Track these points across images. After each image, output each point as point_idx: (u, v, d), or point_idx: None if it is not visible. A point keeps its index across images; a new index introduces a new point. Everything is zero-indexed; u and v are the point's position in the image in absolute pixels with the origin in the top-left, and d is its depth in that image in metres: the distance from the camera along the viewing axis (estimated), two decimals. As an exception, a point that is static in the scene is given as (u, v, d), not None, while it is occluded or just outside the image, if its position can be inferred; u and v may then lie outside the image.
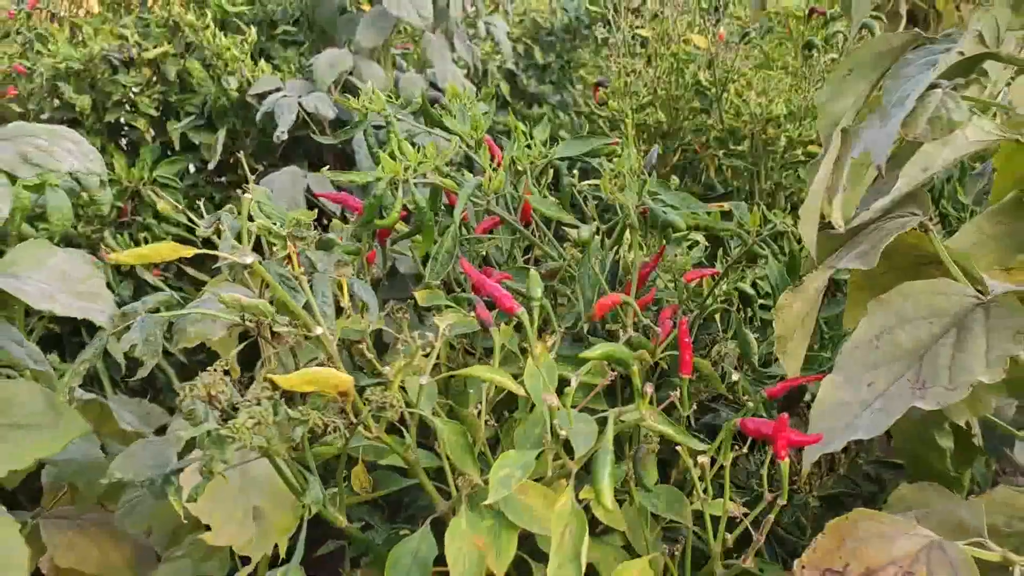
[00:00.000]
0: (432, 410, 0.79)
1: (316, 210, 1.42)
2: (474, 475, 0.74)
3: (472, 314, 0.84)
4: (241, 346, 0.88)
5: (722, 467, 0.75)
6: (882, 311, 0.79)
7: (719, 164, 1.69)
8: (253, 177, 1.03)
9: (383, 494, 0.87)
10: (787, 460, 0.67)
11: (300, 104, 1.96)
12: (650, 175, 0.94)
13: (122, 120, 2.18)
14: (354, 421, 0.68)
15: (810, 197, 0.78)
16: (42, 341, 1.27)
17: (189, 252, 0.63)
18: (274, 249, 0.82)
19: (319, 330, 0.68)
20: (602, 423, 0.77)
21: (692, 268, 1.05)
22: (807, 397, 1.03)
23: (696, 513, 0.83)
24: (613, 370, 0.79)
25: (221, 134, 2.13)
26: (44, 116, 2.01)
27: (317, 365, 0.73)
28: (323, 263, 0.87)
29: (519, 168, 1.03)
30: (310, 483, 0.66)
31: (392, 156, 0.92)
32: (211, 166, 2.09)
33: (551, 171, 1.23)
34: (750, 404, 0.80)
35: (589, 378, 0.90)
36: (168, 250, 0.62)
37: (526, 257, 1.24)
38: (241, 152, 1.43)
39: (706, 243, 1.23)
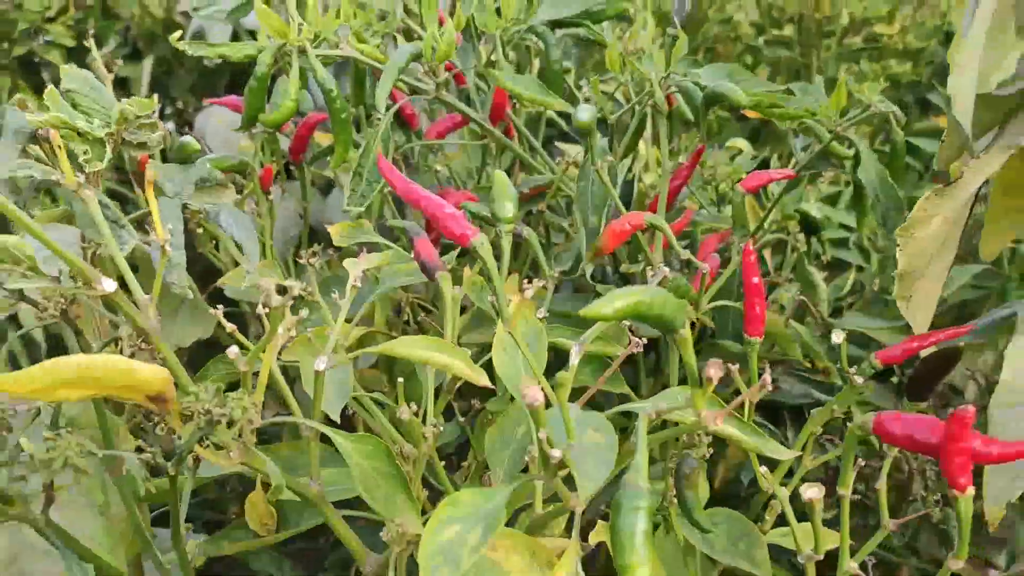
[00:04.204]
0: (346, 412, 0.49)
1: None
2: (410, 521, 0.43)
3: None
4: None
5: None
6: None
7: (751, 68, 1.34)
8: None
9: (295, 533, 0.58)
10: (971, 492, 0.36)
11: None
12: (684, 29, 0.61)
13: (38, 54, 1.86)
14: (179, 446, 0.37)
15: (973, 26, 0.46)
16: None
17: None
18: (62, 152, 0.51)
19: (106, 284, 0.37)
20: (620, 422, 0.47)
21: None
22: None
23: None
24: (633, 331, 0.48)
25: (147, 63, 1.81)
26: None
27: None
28: (174, 183, 0.56)
29: (487, 48, 0.69)
30: (71, 569, 0.36)
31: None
32: (139, 102, 1.77)
33: (535, 61, 0.89)
34: (858, 379, 0.49)
35: (600, 346, 0.59)
36: None
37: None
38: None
39: (752, 152, 0.90)
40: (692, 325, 0.70)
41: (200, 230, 0.68)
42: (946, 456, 0.36)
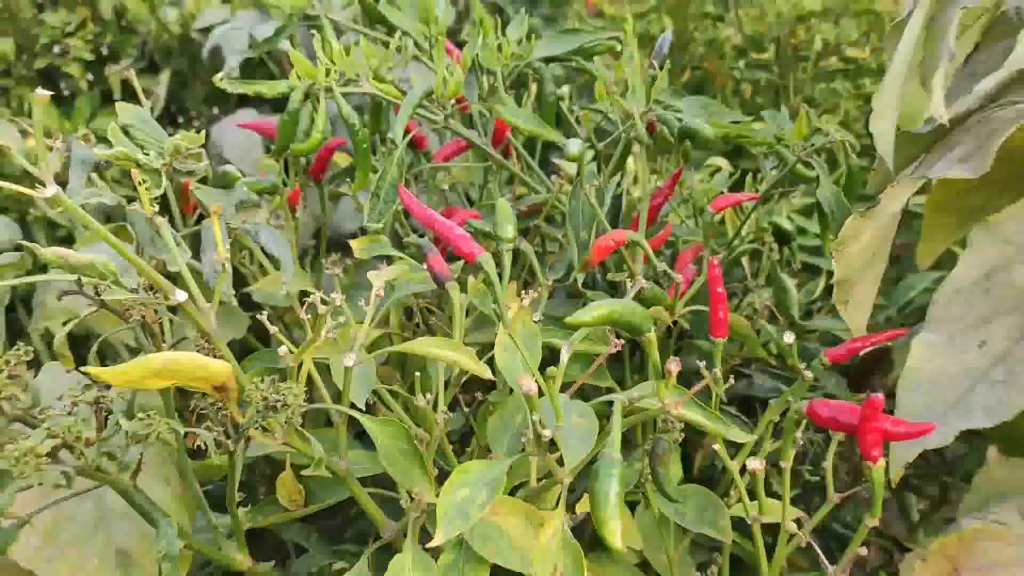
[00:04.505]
0: (367, 402, 0.57)
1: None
2: (425, 492, 0.52)
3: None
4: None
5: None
6: (992, 241, 0.56)
7: (736, 83, 1.43)
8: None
9: (320, 508, 0.66)
10: (882, 464, 0.45)
11: (252, 36, 1.70)
12: (661, 68, 0.69)
13: (59, 67, 1.95)
14: (237, 428, 0.46)
15: (888, 77, 0.54)
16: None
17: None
18: (143, 187, 0.59)
19: (179, 295, 0.46)
20: (603, 410, 0.55)
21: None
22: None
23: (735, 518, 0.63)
24: (619, 336, 0.56)
25: (164, 77, 1.89)
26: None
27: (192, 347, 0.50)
28: (218, 205, 0.64)
29: (489, 78, 0.78)
30: (160, 527, 0.45)
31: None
32: (154, 114, 1.86)
33: (533, 86, 0.98)
34: (808, 374, 0.58)
35: (588, 346, 0.68)
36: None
37: (508, 198, 1.00)
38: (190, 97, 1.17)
39: (730, 169, 0.99)
40: (670, 328, 0.78)
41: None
42: (862, 434, 0.45)
